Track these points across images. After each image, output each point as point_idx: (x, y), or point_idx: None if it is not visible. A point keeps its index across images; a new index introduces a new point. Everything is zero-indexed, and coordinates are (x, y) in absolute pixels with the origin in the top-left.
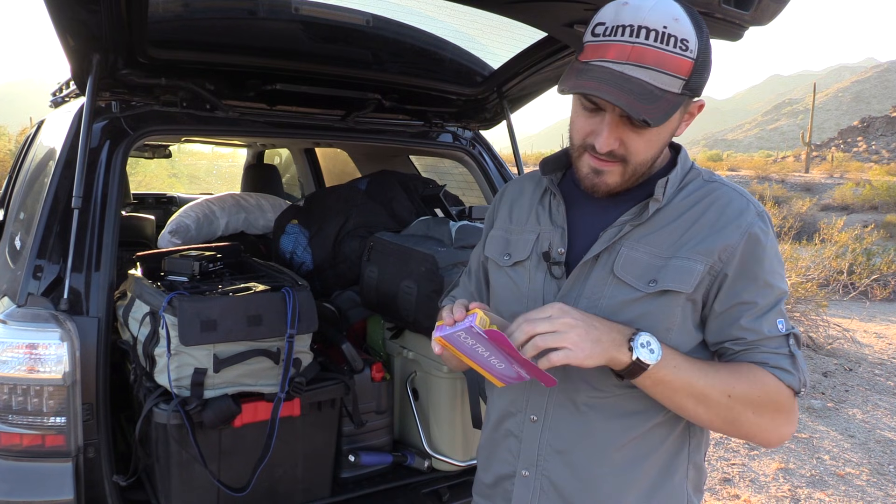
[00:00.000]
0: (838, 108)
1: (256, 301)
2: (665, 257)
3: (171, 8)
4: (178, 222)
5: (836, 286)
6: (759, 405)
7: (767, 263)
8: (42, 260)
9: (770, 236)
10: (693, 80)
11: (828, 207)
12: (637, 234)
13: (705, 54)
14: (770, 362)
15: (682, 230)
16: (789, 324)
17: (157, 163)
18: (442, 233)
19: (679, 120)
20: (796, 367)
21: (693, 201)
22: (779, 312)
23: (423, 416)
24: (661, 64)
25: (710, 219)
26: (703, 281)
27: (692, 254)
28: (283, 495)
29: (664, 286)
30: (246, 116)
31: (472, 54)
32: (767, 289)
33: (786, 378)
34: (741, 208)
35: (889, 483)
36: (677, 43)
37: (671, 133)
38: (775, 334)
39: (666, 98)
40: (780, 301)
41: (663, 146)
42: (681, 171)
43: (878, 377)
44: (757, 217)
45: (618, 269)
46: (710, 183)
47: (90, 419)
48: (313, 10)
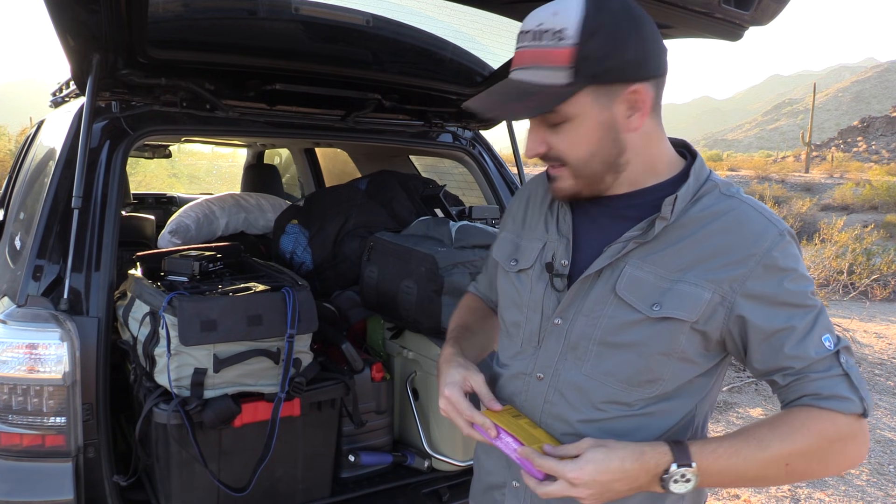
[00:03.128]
0: (838, 108)
1: (256, 301)
2: (672, 280)
3: (171, 8)
4: (178, 222)
5: (836, 286)
6: (822, 454)
7: (793, 285)
8: (42, 260)
9: (792, 257)
10: (585, 66)
11: (828, 207)
12: (643, 251)
13: (606, 36)
14: (824, 392)
15: (692, 251)
16: (835, 336)
17: (157, 163)
18: (442, 233)
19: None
20: (854, 387)
21: (707, 219)
22: (823, 328)
23: (423, 416)
24: (536, 60)
25: (724, 242)
26: (716, 312)
27: (701, 280)
28: (283, 495)
29: (667, 312)
30: (246, 116)
31: (472, 54)
32: (801, 310)
33: (844, 407)
34: (759, 231)
35: (889, 483)
36: (551, 35)
37: (601, 126)
38: (824, 354)
39: (544, 92)
40: (819, 317)
41: (599, 142)
42: (694, 182)
43: (878, 377)
44: (778, 238)
45: (620, 289)
46: (729, 199)
47: (90, 419)
48: (313, 10)
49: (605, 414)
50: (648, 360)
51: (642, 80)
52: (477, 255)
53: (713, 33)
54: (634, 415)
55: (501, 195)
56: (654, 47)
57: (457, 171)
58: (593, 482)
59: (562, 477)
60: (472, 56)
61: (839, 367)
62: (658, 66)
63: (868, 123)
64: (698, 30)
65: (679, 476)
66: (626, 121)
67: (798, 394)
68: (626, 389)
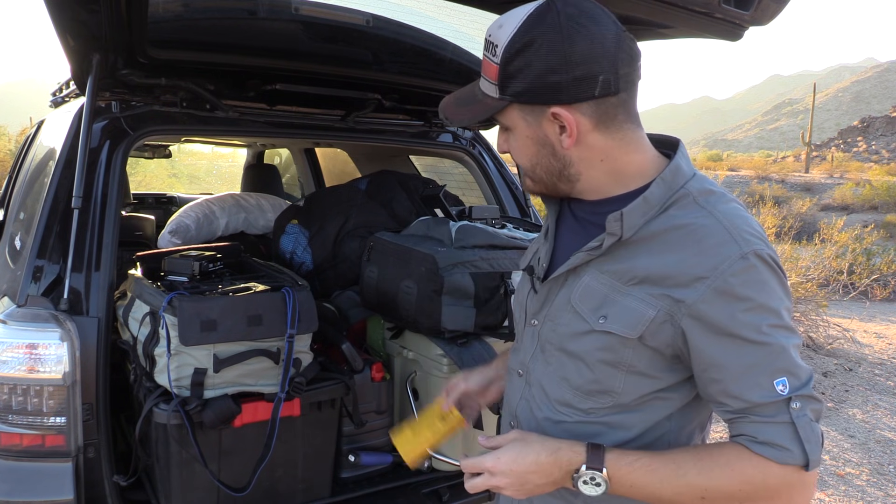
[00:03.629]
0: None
1: (256, 301)
2: (622, 293)
3: (171, 8)
4: (178, 222)
5: (836, 286)
6: (746, 498)
7: (747, 316)
8: (42, 260)
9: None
10: (507, 84)
11: (828, 207)
12: (602, 262)
13: (525, 57)
14: (759, 437)
15: (646, 266)
16: (799, 381)
17: (157, 163)
18: (442, 233)
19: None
20: (797, 438)
21: (667, 232)
22: (776, 371)
23: None
24: (483, 70)
25: (677, 259)
26: (661, 330)
27: (648, 296)
28: (283, 495)
29: (609, 326)
30: (246, 116)
31: (472, 54)
32: (750, 346)
33: (778, 457)
34: (715, 251)
35: (889, 483)
36: (491, 49)
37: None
38: (768, 400)
39: (484, 101)
40: (774, 356)
41: (536, 156)
42: (660, 192)
43: (878, 377)
44: (738, 261)
45: (574, 298)
46: (699, 209)
47: (90, 419)
48: (313, 10)
49: (563, 416)
50: (596, 371)
51: (563, 104)
52: (477, 255)
53: (713, 33)
54: (591, 422)
55: (501, 195)
56: (584, 70)
57: (457, 171)
58: (510, 472)
59: (482, 468)
60: (472, 56)
61: (786, 415)
62: (588, 88)
63: (868, 123)
64: (698, 30)
65: (588, 478)
66: (558, 138)
67: (736, 431)
68: (579, 397)
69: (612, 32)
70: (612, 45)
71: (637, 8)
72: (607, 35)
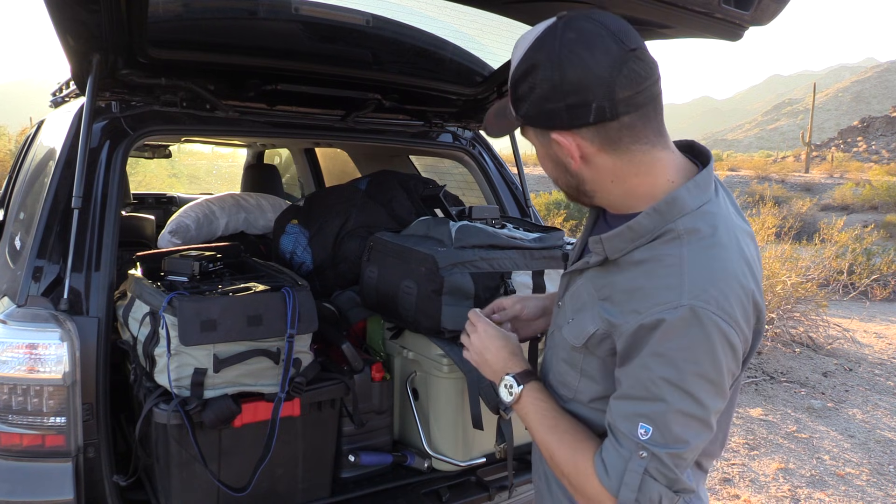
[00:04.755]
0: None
1: (256, 301)
2: (592, 304)
3: (171, 8)
4: (178, 222)
5: (836, 286)
6: (568, 479)
7: (648, 359)
8: (42, 260)
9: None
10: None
11: (828, 207)
12: (592, 272)
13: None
14: (603, 451)
15: (614, 287)
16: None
17: (157, 163)
18: (442, 233)
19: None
20: (620, 476)
21: (643, 262)
22: (644, 417)
23: (423, 416)
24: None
25: (632, 288)
26: (603, 344)
27: (596, 315)
28: (283, 495)
29: (566, 330)
30: (246, 116)
31: (472, 54)
32: (636, 382)
33: (600, 475)
34: (659, 292)
35: (889, 483)
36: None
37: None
38: (626, 432)
39: (507, 118)
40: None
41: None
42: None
43: (878, 377)
44: (670, 310)
45: (566, 296)
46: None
47: (90, 419)
48: (313, 10)
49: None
50: (558, 362)
51: (562, 130)
52: (477, 255)
53: (713, 33)
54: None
55: (501, 195)
56: (576, 99)
57: (457, 171)
58: (482, 337)
59: (475, 324)
60: (472, 56)
61: (628, 453)
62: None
63: (868, 123)
64: (698, 30)
65: (507, 385)
66: (568, 159)
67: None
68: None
69: (610, 58)
70: (606, 72)
71: (637, 8)
72: (602, 62)
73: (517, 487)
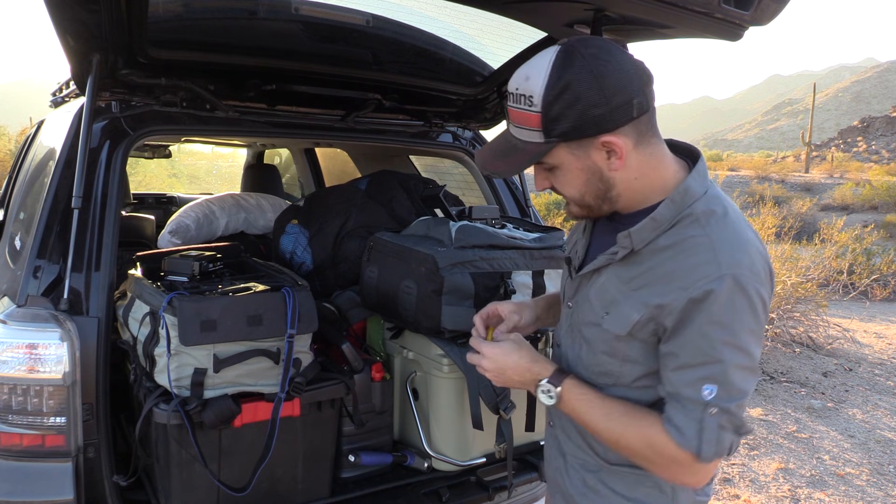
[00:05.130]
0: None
1: (256, 301)
2: (625, 296)
3: (171, 8)
4: (178, 222)
5: (836, 286)
6: (644, 457)
7: (705, 327)
8: (42, 260)
9: (724, 304)
10: (552, 127)
11: (828, 207)
12: (615, 266)
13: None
14: (672, 419)
15: (646, 275)
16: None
17: (157, 163)
18: (442, 233)
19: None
20: (698, 435)
21: (668, 248)
22: (708, 379)
23: (423, 416)
24: (517, 120)
25: (667, 271)
26: (647, 326)
27: (637, 302)
28: (283, 495)
29: (605, 323)
30: (246, 116)
31: (472, 54)
32: (695, 350)
33: (676, 439)
34: (699, 268)
35: (889, 483)
36: (525, 100)
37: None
38: (691, 397)
39: (527, 149)
40: (711, 368)
41: (586, 184)
42: (668, 211)
43: (878, 377)
44: (714, 281)
45: (591, 294)
46: (699, 228)
47: (90, 419)
48: (313, 10)
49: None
50: (597, 356)
51: (610, 132)
52: (477, 255)
53: (713, 33)
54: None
55: (501, 195)
56: (621, 98)
57: (457, 171)
58: (495, 360)
59: (479, 349)
60: (472, 56)
61: (699, 414)
62: (627, 112)
63: (868, 123)
64: (698, 30)
65: (545, 389)
66: (606, 163)
67: (662, 408)
68: (588, 375)
69: (629, 59)
70: (633, 70)
71: (637, 8)
72: (627, 61)
73: (517, 487)
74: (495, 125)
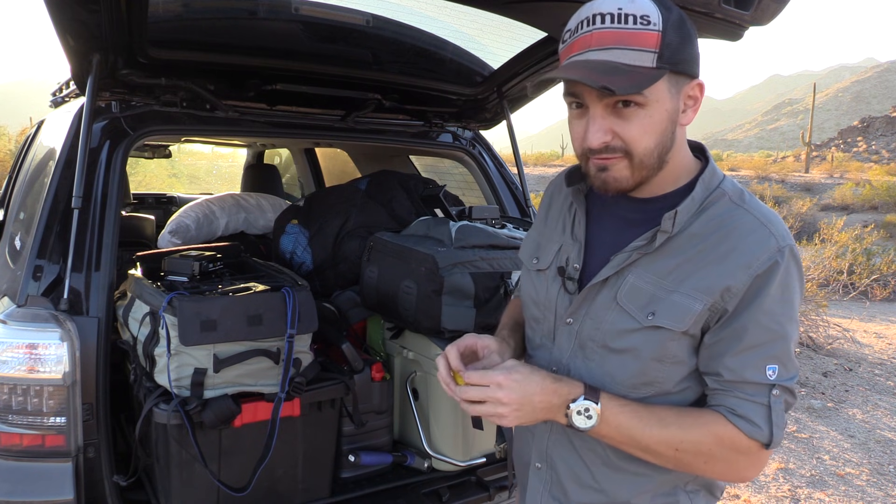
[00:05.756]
0: (838, 108)
1: (256, 301)
2: (669, 290)
3: (171, 8)
4: (178, 222)
5: (836, 286)
6: (711, 456)
7: (771, 303)
8: (42, 260)
9: (786, 275)
10: (667, 52)
11: (828, 207)
12: (646, 261)
13: (678, 28)
14: (737, 410)
15: (691, 262)
16: (787, 374)
17: (157, 163)
18: (442, 233)
19: (674, 101)
20: (768, 420)
21: (710, 229)
22: (772, 358)
23: (423, 416)
24: (622, 41)
25: (720, 253)
26: (703, 318)
27: (693, 291)
28: (283, 495)
29: (659, 322)
30: (246, 116)
31: (472, 54)
32: (763, 330)
33: (747, 429)
34: (759, 243)
35: (889, 483)
36: (637, 20)
37: (668, 116)
38: (757, 380)
39: (636, 72)
40: (777, 344)
41: (664, 132)
42: (702, 192)
43: (878, 377)
44: (776, 253)
45: (621, 298)
46: (736, 208)
47: (90, 419)
48: (313, 10)
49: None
50: (644, 364)
51: (698, 77)
52: (477, 255)
53: (713, 33)
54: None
55: (501, 195)
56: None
57: (457, 171)
58: (518, 388)
59: (490, 381)
60: (472, 56)
61: (765, 398)
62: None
63: (868, 123)
64: (698, 30)
65: (583, 409)
66: (681, 115)
67: (717, 402)
68: (624, 390)
69: None
70: None
71: None
72: None
73: (517, 487)
74: (495, 125)
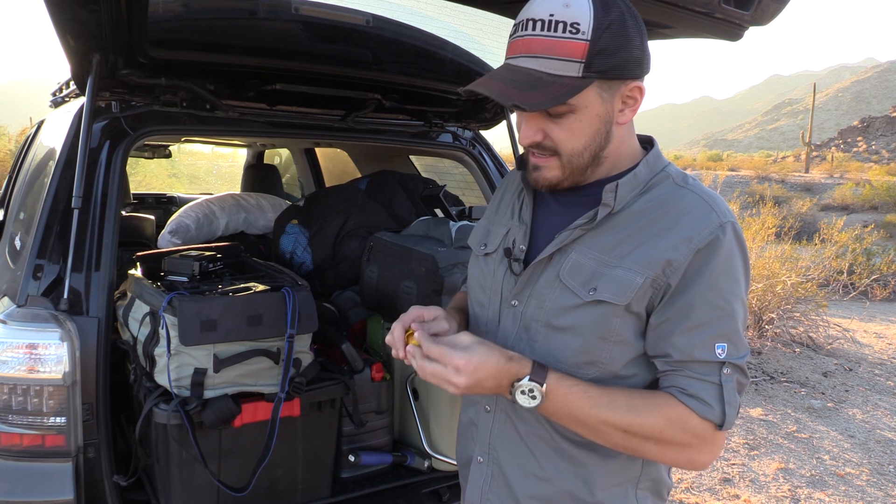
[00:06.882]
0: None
1: (256, 301)
2: (611, 265)
3: (171, 8)
4: (178, 222)
5: (836, 286)
6: (661, 439)
7: (715, 279)
8: (42, 260)
9: (729, 250)
10: (596, 60)
11: (828, 207)
12: (590, 238)
13: (616, 32)
14: (688, 389)
15: (633, 238)
16: (737, 353)
17: (157, 163)
18: (442, 233)
19: (606, 105)
20: (720, 399)
21: (653, 207)
22: (721, 336)
23: (423, 416)
24: (549, 51)
25: (661, 228)
26: (646, 294)
27: (635, 265)
28: (283, 495)
29: (600, 296)
30: (246, 116)
31: (472, 54)
32: (708, 308)
33: (699, 409)
34: (700, 218)
35: (889, 483)
36: (566, 28)
37: (600, 119)
38: (707, 359)
39: (559, 83)
40: (723, 323)
41: (595, 134)
42: (645, 171)
43: (878, 377)
44: (717, 228)
45: (563, 274)
46: (679, 189)
47: (90, 419)
48: (313, 10)
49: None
50: (586, 342)
51: (639, 78)
52: None
53: (713, 33)
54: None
55: None
56: (648, 49)
57: (457, 171)
58: (474, 371)
59: (449, 363)
60: (472, 56)
61: (716, 377)
62: (650, 65)
63: (868, 123)
64: (698, 30)
65: (527, 389)
66: (618, 114)
67: (668, 383)
68: (568, 370)
69: None
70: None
71: (637, 8)
72: None
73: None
74: (495, 125)
